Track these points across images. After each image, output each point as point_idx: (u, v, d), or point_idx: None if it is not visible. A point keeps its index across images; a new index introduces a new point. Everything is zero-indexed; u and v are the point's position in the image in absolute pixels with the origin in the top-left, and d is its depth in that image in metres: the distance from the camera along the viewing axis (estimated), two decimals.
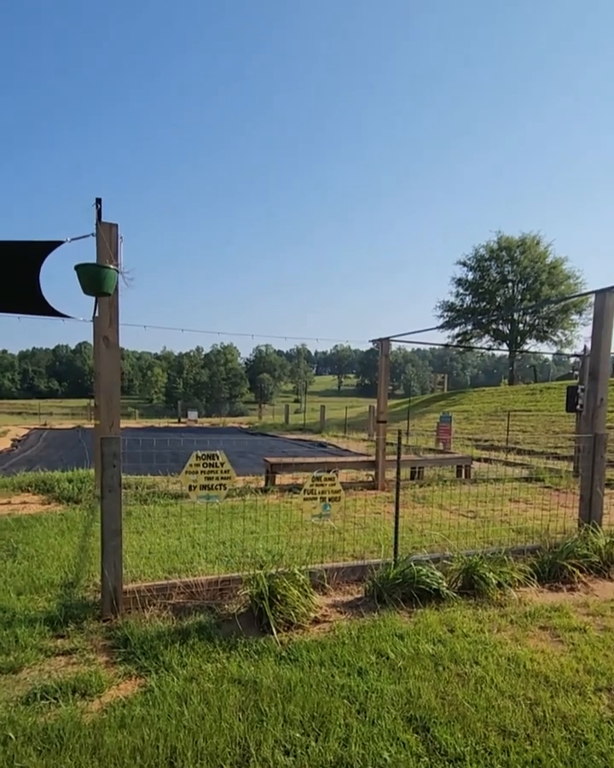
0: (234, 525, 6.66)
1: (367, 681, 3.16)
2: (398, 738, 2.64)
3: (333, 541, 5.90)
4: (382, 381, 10.01)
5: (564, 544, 5.32)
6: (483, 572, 4.57)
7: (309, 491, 4.63)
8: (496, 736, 2.69)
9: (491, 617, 4.12)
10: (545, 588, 4.84)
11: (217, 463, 4.29)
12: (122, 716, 2.80)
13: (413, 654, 3.50)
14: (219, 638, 3.66)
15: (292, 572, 4.16)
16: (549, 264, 42.96)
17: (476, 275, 45.29)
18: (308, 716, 2.82)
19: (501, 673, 3.28)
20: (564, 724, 2.79)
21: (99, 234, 3.83)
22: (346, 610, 4.24)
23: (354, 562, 5.01)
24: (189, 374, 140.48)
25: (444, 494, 9.31)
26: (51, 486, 8.90)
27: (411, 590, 4.35)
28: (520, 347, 44.03)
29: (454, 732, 2.69)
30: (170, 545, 5.75)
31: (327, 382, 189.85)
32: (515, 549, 5.39)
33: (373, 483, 10.09)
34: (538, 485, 10.35)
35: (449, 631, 3.87)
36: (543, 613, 4.21)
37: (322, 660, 3.39)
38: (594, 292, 5.50)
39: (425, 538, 6.09)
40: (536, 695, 3.05)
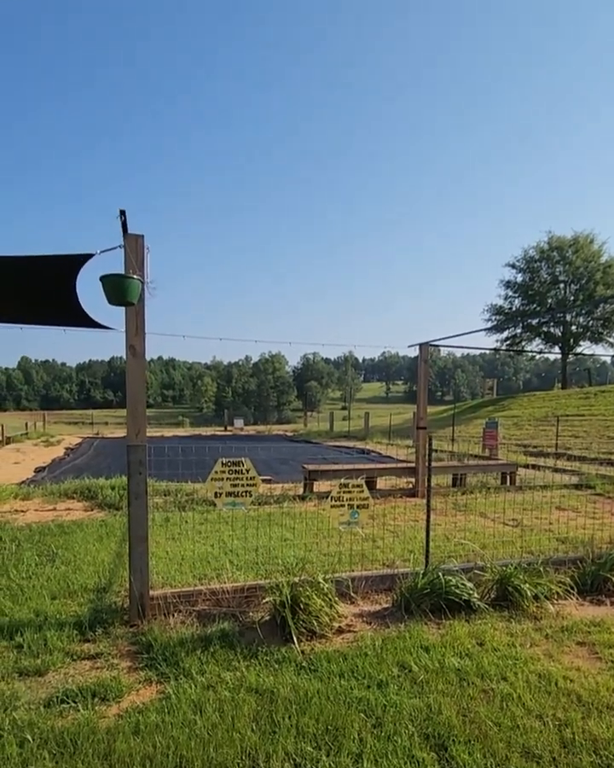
0: (268, 532, 6.66)
1: (386, 694, 3.06)
2: (413, 756, 2.54)
3: (365, 549, 5.80)
4: (422, 387, 9.83)
5: (610, 554, 5.04)
6: (517, 583, 4.39)
7: (337, 498, 4.57)
8: (519, 757, 2.55)
9: (524, 631, 3.94)
10: (586, 601, 4.60)
11: (242, 470, 4.29)
12: (137, 722, 2.81)
13: (437, 667, 3.37)
14: (241, 646, 3.64)
15: (317, 580, 4.10)
16: (604, 263, 41.31)
17: (525, 276, 44.05)
18: (322, 729, 2.75)
19: (529, 691, 3.12)
20: (594, 748, 2.62)
21: (125, 245, 3.91)
22: (372, 620, 4.14)
23: (383, 571, 4.90)
24: (238, 383, 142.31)
25: (487, 502, 9.03)
26: (95, 493, 9.14)
27: (440, 600, 4.21)
28: (573, 350, 42.47)
29: (474, 752, 2.56)
30: (202, 552, 5.78)
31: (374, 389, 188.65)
32: (556, 559, 5.15)
33: (413, 490, 9.89)
34: (588, 493, 9.91)
35: (478, 644, 3.72)
36: (582, 628, 3.99)
37: (342, 672, 3.32)
38: None
39: (461, 546, 5.90)
40: (566, 716, 2.88)
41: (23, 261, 4.28)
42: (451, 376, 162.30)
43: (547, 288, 43.01)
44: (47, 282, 4.90)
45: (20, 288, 5.04)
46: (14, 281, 4.79)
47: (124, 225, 4.07)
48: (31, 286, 4.96)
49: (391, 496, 9.52)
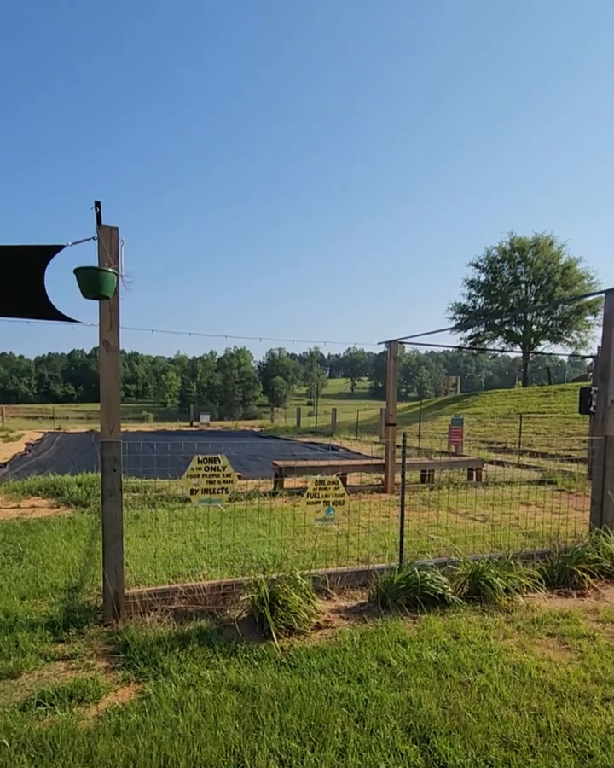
0: (240, 529, 6.63)
1: (367, 689, 3.09)
2: (397, 749, 2.58)
3: (339, 545, 5.84)
4: (391, 384, 9.93)
5: (575, 548, 5.21)
6: (489, 577, 4.49)
7: (313, 494, 4.58)
8: (498, 747, 2.61)
9: (497, 623, 4.04)
10: (554, 594, 4.74)
11: (218, 467, 4.26)
12: (117, 723, 2.77)
13: (415, 661, 3.43)
14: (219, 644, 3.62)
15: (294, 577, 4.11)
16: (563, 264, 42.46)
17: (488, 276, 44.92)
18: (305, 725, 2.77)
19: (505, 682, 3.20)
20: (569, 735, 2.71)
21: (99, 237, 3.82)
22: (349, 616, 4.18)
23: (359, 567, 4.95)
24: (203, 378, 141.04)
25: (455, 497, 9.20)
26: (60, 490, 8.94)
27: (415, 595, 4.28)
28: (534, 349, 43.55)
29: (455, 743, 2.62)
30: (175, 549, 5.72)
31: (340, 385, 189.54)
32: (524, 553, 5.29)
33: (383, 486, 10.00)
34: (550, 488, 10.19)
35: (454, 637, 3.79)
36: (551, 620, 4.12)
37: (322, 667, 3.34)
38: (603, 292, 5.39)
39: (432, 542, 6.00)
40: (541, 705, 2.96)
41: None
42: (415, 373, 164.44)
43: (509, 288, 43.95)
44: (14, 272, 4.75)
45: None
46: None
47: (98, 217, 3.97)
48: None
49: (361, 492, 9.61)
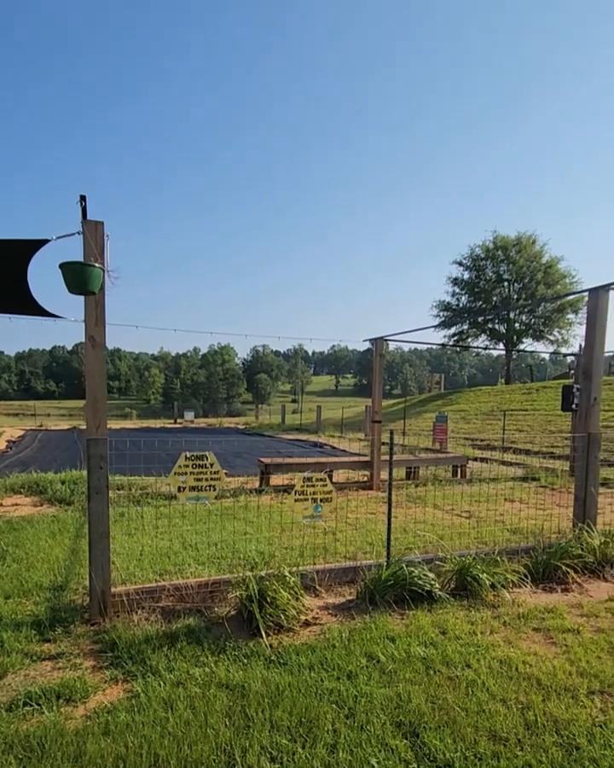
0: (227, 526, 6.62)
1: (356, 685, 3.11)
2: (387, 744, 2.59)
3: (326, 542, 5.85)
4: (376, 381, 9.96)
5: (559, 544, 5.28)
6: (476, 573, 4.53)
7: (301, 492, 4.59)
8: (487, 741, 2.64)
9: (484, 619, 4.08)
10: (539, 589, 4.80)
11: (206, 464, 4.24)
12: (106, 722, 2.75)
13: (404, 657, 3.45)
14: (208, 642, 3.61)
15: (283, 574, 4.11)
16: (545, 263, 42.92)
17: (472, 274, 45.25)
18: (295, 721, 2.77)
19: (492, 676, 3.24)
20: (556, 728, 2.74)
21: (84, 232, 3.77)
22: (338, 612, 4.19)
23: (346, 564, 4.96)
24: (187, 374, 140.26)
25: (440, 494, 9.27)
26: (44, 488, 8.84)
27: (403, 591, 4.30)
28: (516, 347, 43.98)
29: (444, 737, 2.64)
30: (162, 547, 5.69)
31: (324, 382, 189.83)
32: (509, 549, 5.34)
33: (369, 483, 10.04)
34: (534, 485, 10.32)
35: (441, 633, 3.82)
36: (537, 615, 4.17)
37: (312, 664, 3.35)
38: (588, 290, 5.46)
39: (419, 538, 6.04)
40: (528, 699, 3.00)
41: None
42: (399, 370, 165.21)
43: (492, 286, 44.33)
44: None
45: None
46: None
47: (83, 211, 3.92)
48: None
49: (347, 489, 9.64)
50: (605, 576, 5.09)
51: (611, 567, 5.20)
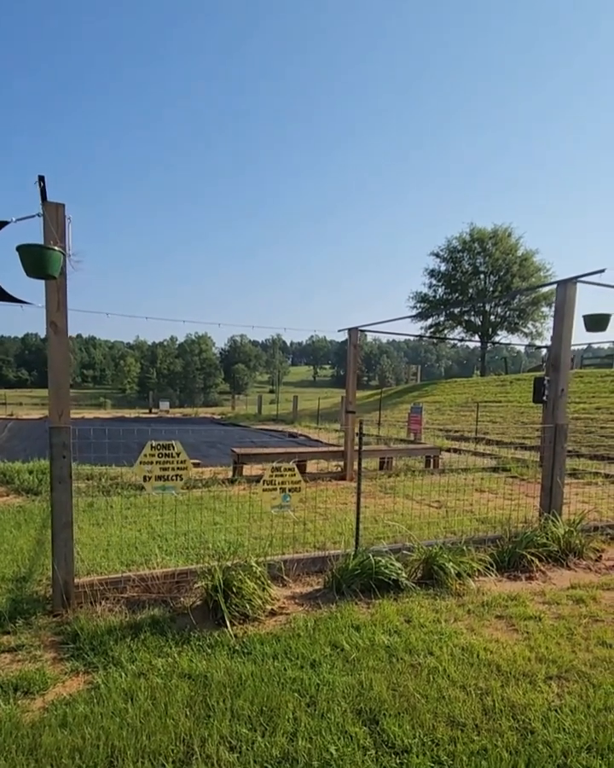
0: (197, 516, 6.57)
1: (319, 674, 3.12)
2: (346, 731, 2.61)
3: (296, 532, 5.85)
4: (351, 371, 9.97)
5: (524, 533, 5.36)
6: (442, 562, 4.57)
7: (269, 481, 4.57)
8: (445, 726, 2.67)
9: (449, 607, 4.12)
10: (504, 577, 4.87)
11: (172, 453, 4.19)
12: (64, 714, 2.71)
13: (368, 645, 3.47)
14: (172, 632, 3.59)
15: (249, 564, 4.10)
16: (520, 256, 43.40)
17: (448, 266, 45.54)
18: (256, 710, 2.77)
19: (454, 663, 3.28)
20: (513, 713, 2.79)
21: (44, 214, 3.67)
22: (304, 602, 4.20)
23: (315, 553, 4.97)
24: (163, 364, 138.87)
25: (412, 484, 9.35)
26: (11, 478, 8.67)
27: (370, 580, 4.33)
28: (492, 339, 44.50)
29: (403, 724, 2.67)
30: (130, 538, 5.64)
31: (302, 373, 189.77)
32: (477, 538, 5.41)
33: (342, 473, 10.07)
34: (504, 475, 10.46)
35: (406, 621, 3.86)
36: (500, 603, 4.23)
37: (276, 653, 3.35)
38: (555, 282, 5.51)
39: (388, 528, 6.08)
40: (487, 685, 3.04)
41: None
42: (377, 362, 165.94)
43: (468, 278, 44.70)
44: None
45: None
46: None
47: (42, 192, 3.80)
48: None
49: (321, 479, 9.66)
50: (568, 564, 5.19)
51: (575, 556, 5.30)
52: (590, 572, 5.07)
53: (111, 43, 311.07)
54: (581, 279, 5.48)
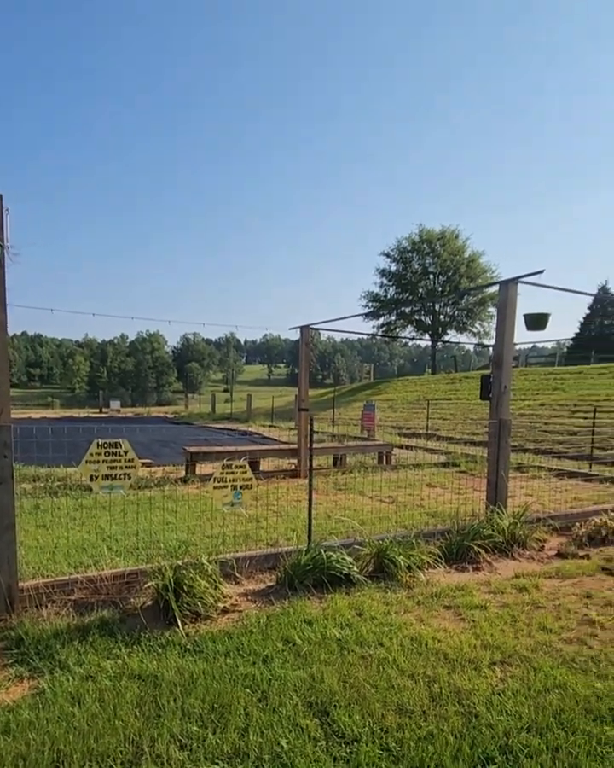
0: (149, 516, 6.47)
1: (271, 669, 3.13)
2: (297, 724, 2.64)
3: (249, 529, 5.85)
4: (303, 369, 10.02)
5: (472, 526, 5.52)
6: (393, 555, 4.66)
7: (220, 479, 4.55)
8: (394, 714, 2.73)
9: (399, 599, 4.21)
10: (452, 569, 5.00)
11: (120, 452, 4.12)
12: (7, 721, 2.63)
13: (319, 639, 3.51)
14: (122, 634, 3.53)
15: (201, 562, 4.07)
16: (467, 257, 44.55)
17: (399, 266, 46.26)
18: (208, 708, 2.76)
19: (403, 653, 3.35)
20: (459, 698, 2.88)
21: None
22: (257, 599, 4.20)
23: (267, 550, 4.98)
24: (113, 362, 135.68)
25: (365, 481, 9.47)
26: None
27: (322, 575, 4.37)
28: (441, 338, 45.52)
29: (353, 714, 2.71)
30: (78, 539, 5.51)
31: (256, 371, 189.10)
32: (427, 532, 5.53)
33: (296, 471, 10.11)
34: (454, 470, 10.73)
35: (358, 614, 3.92)
36: (448, 593, 4.35)
37: (228, 651, 3.34)
38: (498, 283, 5.69)
39: (341, 524, 6.15)
40: (435, 673, 3.13)
41: None
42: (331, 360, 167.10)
43: (418, 278, 45.56)
44: None
45: None
46: None
47: None
48: None
49: (275, 477, 9.67)
50: (512, 555, 5.37)
51: (519, 546, 5.50)
52: (533, 561, 5.27)
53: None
54: (521, 280, 5.69)
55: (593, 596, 4.32)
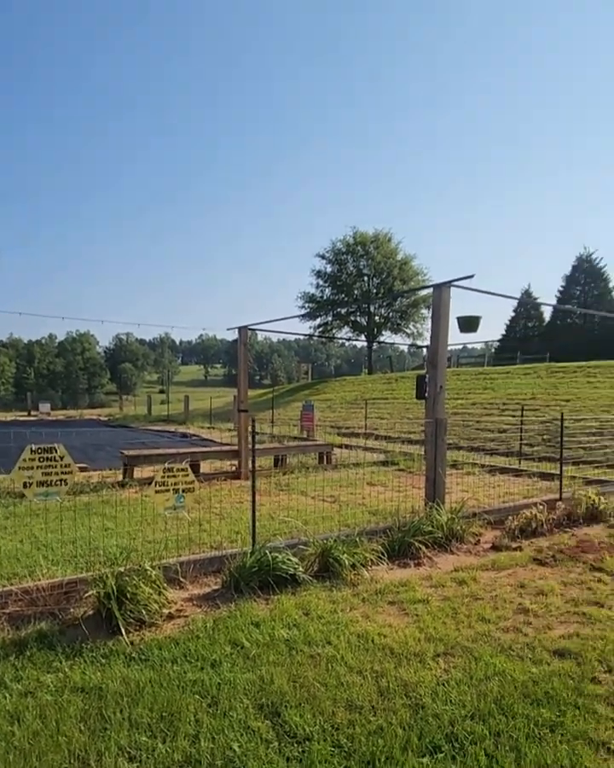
0: (86, 522, 6.25)
1: (220, 673, 3.11)
2: (249, 727, 2.63)
3: (192, 533, 5.76)
4: (242, 370, 9.97)
5: (412, 522, 5.67)
6: (337, 554, 4.72)
7: (161, 483, 4.47)
8: (344, 711, 2.78)
9: (345, 597, 4.27)
10: (395, 565, 5.12)
11: (55, 457, 3.97)
12: None
13: (268, 640, 3.51)
14: (62, 646, 3.40)
15: (144, 568, 3.98)
16: (400, 260, 45.63)
17: (334, 268, 46.74)
18: (156, 717, 2.71)
19: (351, 650, 3.40)
20: (406, 691, 2.96)
21: None
22: (203, 603, 4.16)
23: (212, 553, 4.93)
24: (42, 363, 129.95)
25: (307, 481, 9.52)
26: None
27: (268, 577, 4.37)
28: (377, 339, 46.40)
29: (304, 713, 2.73)
30: (10, 549, 5.26)
31: (193, 372, 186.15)
32: (369, 530, 5.63)
33: (237, 472, 10.05)
34: (393, 469, 10.97)
35: (305, 614, 3.94)
36: (392, 589, 4.45)
37: (175, 657, 3.29)
38: (432, 286, 5.89)
39: (285, 524, 6.17)
40: (382, 668, 3.20)
41: None
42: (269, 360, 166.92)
43: (353, 280, 46.20)
44: None
45: None
46: None
47: None
48: None
49: (216, 479, 9.56)
50: (451, 549, 5.56)
51: (457, 541, 5.70)
52: (471, 554, 5.48)
53: None
54: (454, 284, 5.91)
55: (527, 586, 4.53)
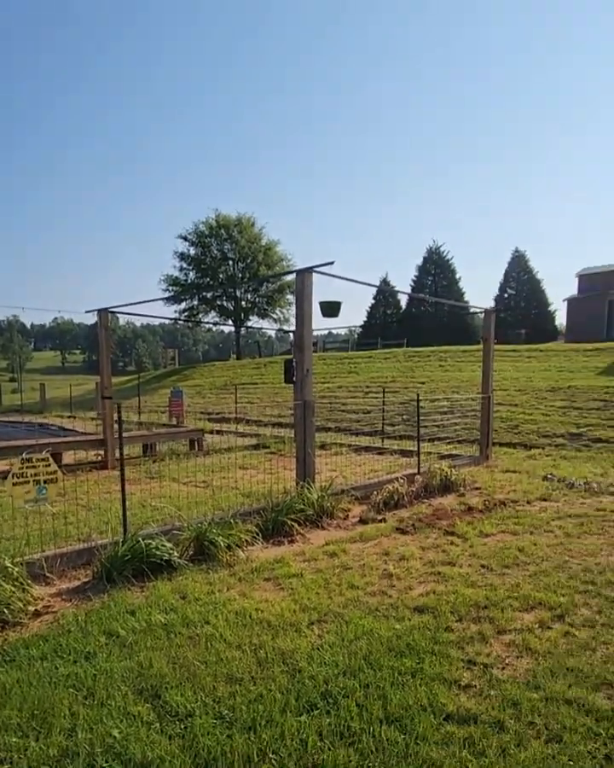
0: None
1: (95, 664, 3.03)
2: (129, 712, 2.61)
3: (57, 527, 5.46)
4: (104, 356, 9.54)
5: (284, 502, 5.86)
6: (212, 537, 4.76)
7: (20, 474, 4.20)
8: (224, 685, 2.85)
9: (221, 578, 4.33)
10: (270, 544, 5.27)
11: None
12: None
13: (145, 627, 3.48)
14: None
15: (4, 565, 3.74)
16: (264, 245, 45.80)
17: (198, 251, 45.75)
18: (27, 716, 2.59)
19: (229, 628, 3.48)
20: (283, 659, 3.10)
21: None
22: (73, 596, 4.00)
23: (80, 545, 4.73)
24: None
25: (178, 467, 9.38)
26: None
27: (142, 564, 4.30)
28: (244, 324, 46.39)
29: (185, 692, 2.77)
30: None
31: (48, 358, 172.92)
32: (243, 512, 5.72)
33: (103, 462, 9.63)
34: (264, 452, 11.16)
35: (182, 597, 3.95)
36: (267, 567, 4.59)
37: (44, 654, 3.15)
38: (295, 271, 6.07)
39: (158, 512, 6.07)
40: (260, 640, 3.32)
41: None
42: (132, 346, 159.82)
43: (218, 264, 45.50)
44: None
45: None
46: None
47: None
48: None
49: (80, 470, 9.08)
50: (322, 525, 5.84)
51: (327, 517, 5.99)
52: (340, 529, 5.79)
53: None
54: (315, 269, 6.13)
55: (390, 553, 4.91)
